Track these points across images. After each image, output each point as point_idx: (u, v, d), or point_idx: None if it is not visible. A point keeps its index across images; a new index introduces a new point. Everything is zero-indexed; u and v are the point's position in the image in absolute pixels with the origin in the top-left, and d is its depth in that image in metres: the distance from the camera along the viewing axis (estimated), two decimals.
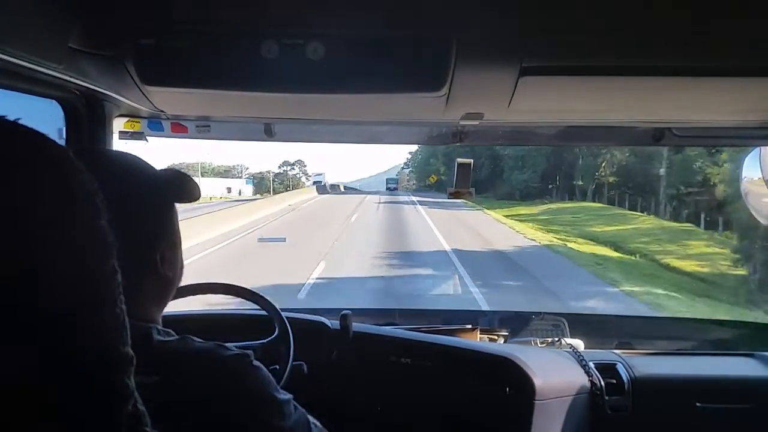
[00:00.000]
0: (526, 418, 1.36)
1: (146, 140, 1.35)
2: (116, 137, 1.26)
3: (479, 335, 1.72)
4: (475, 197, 1.94)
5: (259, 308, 1.31)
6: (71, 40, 0.81)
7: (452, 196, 1.45)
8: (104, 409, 0.36)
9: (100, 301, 0.36)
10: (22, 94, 0.92)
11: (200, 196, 0.73)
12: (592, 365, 1.50)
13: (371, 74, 0.86)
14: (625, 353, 1.62)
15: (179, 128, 1.34)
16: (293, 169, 70.87)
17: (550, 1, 0.78)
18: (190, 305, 1.34)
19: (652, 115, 1.24)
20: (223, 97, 0.97)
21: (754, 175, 1.45)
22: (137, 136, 1.32)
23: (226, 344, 0.68)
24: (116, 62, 0.89)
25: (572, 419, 1.42)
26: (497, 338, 1.76)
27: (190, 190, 0.71)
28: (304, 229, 15.55)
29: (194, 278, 1.21)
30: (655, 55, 0.86)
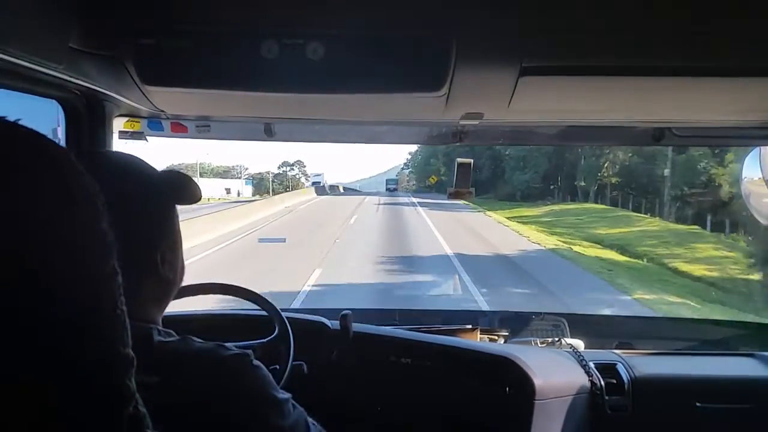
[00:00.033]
0: (526, 418, 1.36)
1: (146, 140, 1.35)
2: (116, 137, 1.26)
3: (479, 335, 1.72)
4: (476, 198, 1.95)
5: (259, 308, 1.31)
6: (71, 40, 0.81)
7: (452, 196, 1.44)
8: (105, 410, 0.36)
9: (100, 302, 0.36)
10: (21, 93, 0.92)
11: (201, 197, 0.73)
12: (592, 365, 1.50)
13: (371, 74, 0.86)
14: (625, 353, 1.62)
15: (179, 128, 1.35)
16: (293, 169, 70.90)
17: (550, 1, 0.78)
18: (190, 305, 1.34)
19: (652, 115, 1.24)
20: (223, 96, 0.97)
21: (754, 175, 1.45)
22: (137, 135, 1.32)
23: (226, 344, 0.68)
24: (116, 62, 0.89)
25: (572, 419, 1.42)
26: (497, 338, 1.76)
27: (190, 191, 0.71)
28: (303, 232, 15.51)
29: (194, 278, 1.21)
30: (655, 55, 0.86)
